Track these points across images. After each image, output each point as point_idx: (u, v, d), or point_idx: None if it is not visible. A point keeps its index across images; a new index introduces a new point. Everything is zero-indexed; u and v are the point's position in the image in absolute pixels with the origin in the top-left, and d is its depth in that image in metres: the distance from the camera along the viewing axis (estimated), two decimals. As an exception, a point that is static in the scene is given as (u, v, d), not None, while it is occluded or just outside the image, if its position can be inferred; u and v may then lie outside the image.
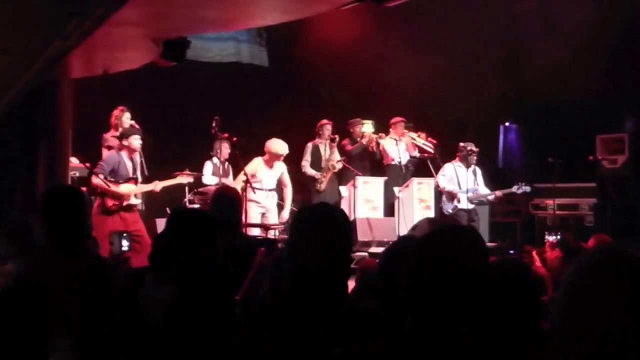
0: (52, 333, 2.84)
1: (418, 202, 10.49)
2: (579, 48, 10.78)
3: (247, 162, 9.16)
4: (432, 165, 10.48)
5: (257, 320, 2.45)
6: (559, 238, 7.19)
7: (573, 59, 10.75)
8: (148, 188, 8.13)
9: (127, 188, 7.80)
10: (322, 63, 11.90)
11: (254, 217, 9.15)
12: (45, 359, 2.43)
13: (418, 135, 10.79)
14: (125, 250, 4.76)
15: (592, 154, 10.82)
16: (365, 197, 10.45)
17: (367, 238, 9.81)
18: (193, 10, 6.11)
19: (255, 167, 9.20)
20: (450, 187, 10.18)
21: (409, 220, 9.72)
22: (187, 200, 9.10)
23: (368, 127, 11.37)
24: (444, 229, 2.04)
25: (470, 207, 10.20)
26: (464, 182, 10.18)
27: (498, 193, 10.29)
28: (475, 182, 10.30)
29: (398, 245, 2.85)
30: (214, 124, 9.06)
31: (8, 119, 6.04)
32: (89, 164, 7.87)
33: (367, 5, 6.55)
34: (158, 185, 8.18)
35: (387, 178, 10.68)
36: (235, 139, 9.30)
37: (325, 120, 10.76)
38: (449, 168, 10.29)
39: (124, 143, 7.92)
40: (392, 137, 10.77)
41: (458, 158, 10.30)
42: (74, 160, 8.27)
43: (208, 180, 9.69)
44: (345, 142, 10.93)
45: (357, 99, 12.25)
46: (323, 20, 10.67)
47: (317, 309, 2.32)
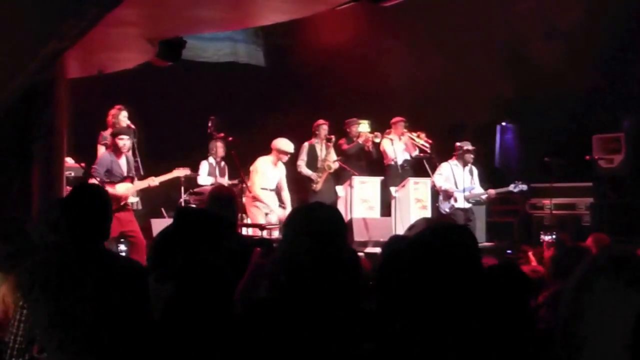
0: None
1: (415, 202, 10.47)
2: (576, 48, 10.78)
3: (243, 161, 9.14)
4: (428, 165, 10.47)
5: (254, 320, 2.44)
6: (555, 238, 7.16)
7: (570, 59, 10.75)
8: (144, 185, 8.11)
9: (123, 187, 7.78)
10: (318, 63, 11.88)
11: (260, 217, 9.16)
12: None
13: (417, 135, 10.77)
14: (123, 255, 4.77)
15: (588, 154, 10.82)
16: (362, 197, 10.43)
17: (363, 238, 9.78)
18: (189, 11, 6.10)
19: (264, 165, 9.22)
20: (447, 186, 10.18)
21: (406, 220, 9.71)
22: (182, 201, 9.08)
23: (364, 126, 11.35)
24: (434, 229, 2.03)
25: (467, 206, 10.21)
26: (461, 181, 10.18)
27: (492, 192, 10.30)
28: (472, 181, 10.30)
29: (392, 246, 2.84)
30: (210, 124, 9.07)
31: (3, 119, 6.03)
32: (85, 164, 7.85)
33: (363, 5, 6.55)
34: (155, 180, 8.16)
35: (383, 178, 10.67)
36: (231, 139, 9.31)
37: (322, 120, 10.74)
38: (446, 167, 10.28)
39: (118, 143, 7.90)
40: (390, 136, 10.76)
41: (455, 157, 10.31)
42: (69, 160, 8.24)
43: (204, 181, 9.67)
44: (342, 141, 10.92)
45: (353, 99, 12.24)
46: (320, 20, 10.64)
47: (313, 310, 2.31)
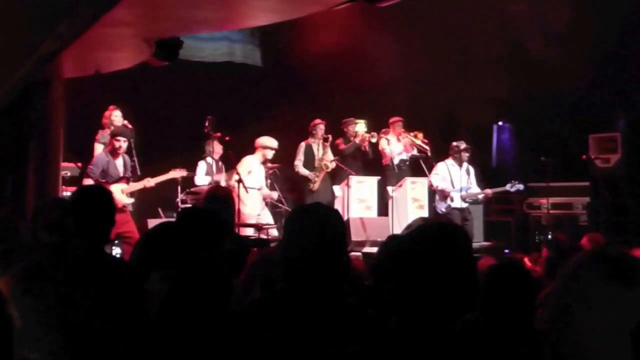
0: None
1: (412, 201, 10.47)
2: (572, 47, 10.80)
3: (239, 159, 9.13)
4: (425, 165, 10.47)
5: (250, 320, 2.44)
6: (550, 238, 7.18)
7: (566, 59, 10.77)
8: (140, 186, 8.10)
9: (119, 188, 7.77)
10: (315, 63, 11.88)
11: (251, 216, 9.12)
12: None
13: (415, 136, 10.77)
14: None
15: (585, 153, 10.83)
16: (359, 196, 10.43)
17: (360, 238, 9.78)
18: (185, 11, 6.10)
19: (251, 164, 9.19)
20: (444, 185, 10.19)
21: (403, 220, 9.71)
22: (179, 200, 9.07)
23: (361, 126, 11.34)
24: (427, 228, 2.03)
25: (464, 205, 10.20)
26: (457, 180, 10.18)
27: (488, 191, 10.31)
28: (469, 180, 10.31)
29: (388, 245, 2.84)
30: (207, 124, 9.05)
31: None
32: (81, 164, 7.84)
33: (359, 5, 6.55)
34: (151, 181, 8.14)
35: (380, 177, 10.67)
36: (228, 139, 9.30)
37: (319, 120, 10.73)
38: (442, 167, 10.29)
39: (115, 144, 7.89)
40: (388, 136, 10.76)
41: (451, 157, 10.32)
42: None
43: (201, 181, 9.65)
44: (339, 141, 10.91)
45: (350, 99, 12.24)
46: (316, 20, 10.65)
47: (309, 310, 2.31)
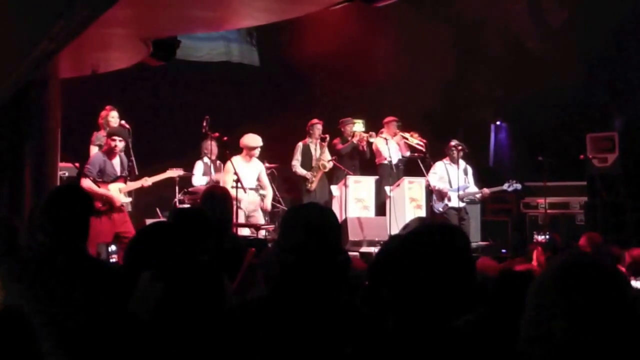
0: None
1: (409, 201, 10.46)
2: (569, 47, 10.81)
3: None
4: (422, 165, 10.47)
5: (246, 320, 2.43)
6: (547, 239, 7.17)
7: (563, 58, 10.78)
8: (137, 185, 8.08)
9: (116, 187, 7.75)
10: (313, 62, 11.88)
11: (241, 217, 9.07)
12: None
13: (411, 135, 10.76)
14: (114, 262, 4.72)
15: (582, 153, 10.84)
16: (357, 196, 10.41)
17: (358, 237, 9.77)
18: (182, 11, 6.09)
19: (236, 167, 9.08)
20: (441, 185, 10.19)
21: (400, 220, 9.70)
22: (177, 200, 9.05)
23: (359, 126, 11.33)
24: (425, 229, 2.03)
25: (461, 205, 10.21)
26: (455, 180, 10.19)
27: (486, 191, 10.32)
28: (466, 180, 10.31)
29: (388, 245, 2.83)
30: (205, 124, 9.04)
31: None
32: (78, 164, 7.82)
33: (356, 5, 6.54)
34: (148, 181, 8.12)
35: (378, 177, 10.66)
36: (226, 138, 9.28)
37: (316, 120, 10.72)
38: (440, 166, 10.30)
39: (111, 144, 7.85)
40: (384, 136, 10.76)
41: (448, 157, 10.33)
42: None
43: (198, 181, 9.64)
44: (336, 141, 10.90)
45: (348, 98, 12.24)
46: (314, 20, 10.64)
47: (305, 309, 2.30)
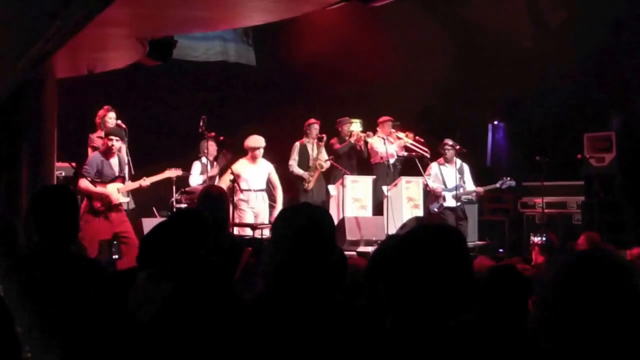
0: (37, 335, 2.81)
1: (407, 200, 10.47)
2: (567, 46, 10.81)
3: (234, 161, 9.11)
4: (420, 164, 10.47)
5: (246, 320, 2.43)
6: (545, 240, 7.18)
7: (561, 58, 10.78)
8: (135, 185, 8.07)
9: (114, 187, 7.74)
10: (309, 62, 11.87)
11: (248, 218, 9.09)
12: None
13: (406, 135, 10.76)
14: (116, 259, 4.72)
15: (580, 152, 10.85)
16: (354, 196, 10.41)
17: (355, 237, 9.77)
18: (178, 11, 6.09)
19: (239, 167, 9.11)
20: (435, 186, 10.21)
21: (398, 219, 9.71)
22: (174, 200, 9.05)
23: (356, 125, 11.33)
24: (423, 228, 2.03)
25: (457, 204, 10.21)
26: (449, 180, 10.20)
27: (480, 189, 10.33)
28: (462, 179, 10.31)
29: (385, 244, 2.83)
30: (201, 123, 9.03)
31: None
32: (75, 164, 7.81)
33: (353, 5, 6.55)
34: (147, 181, 8.12)
35: (375, 177, 10.66)
36: (223, 138, 9.28)
37: (313, 120, 10.72)
38: (434, 167, 10.35)
39: (108, 143, 7.84)
40: (379, 135, 10.76)
41: (442, 157, 10.36)
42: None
43: (196, 181, 9.64)
44: (334, 141, 10.90)
45: (345, 98, 12.24)
46: (311, 20, 10.64)
47: (300, 308, 2.30)
